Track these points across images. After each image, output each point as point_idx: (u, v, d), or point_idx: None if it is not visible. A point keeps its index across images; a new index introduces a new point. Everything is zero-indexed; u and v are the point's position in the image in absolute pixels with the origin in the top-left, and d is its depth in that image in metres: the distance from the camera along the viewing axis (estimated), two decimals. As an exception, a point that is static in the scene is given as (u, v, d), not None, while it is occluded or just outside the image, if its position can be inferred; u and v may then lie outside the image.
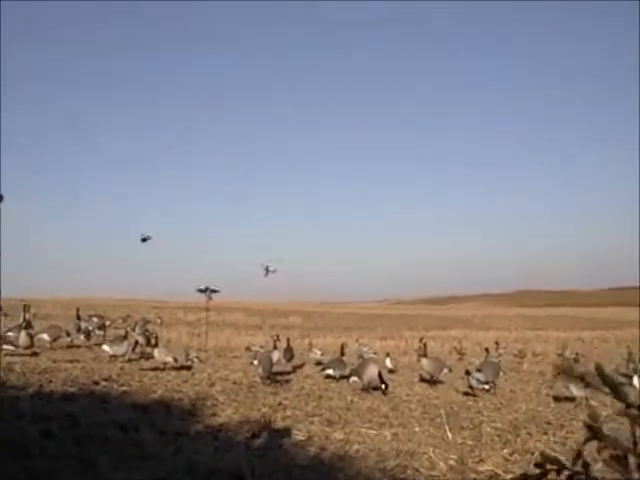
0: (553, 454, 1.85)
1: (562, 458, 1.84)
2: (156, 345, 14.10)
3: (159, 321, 34.78)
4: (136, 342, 15.61)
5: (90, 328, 19.73)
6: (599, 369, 1.74)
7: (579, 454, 1.78)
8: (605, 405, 10.23)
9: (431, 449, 6.93)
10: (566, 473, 1.76)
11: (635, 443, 1.73)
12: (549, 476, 1.82)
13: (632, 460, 1.70)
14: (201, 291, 21.48)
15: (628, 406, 1.72)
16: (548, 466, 1.81)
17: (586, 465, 1.74)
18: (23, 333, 14.86)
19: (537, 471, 1.82)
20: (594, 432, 1.78)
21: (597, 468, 1.77)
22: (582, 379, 1.77)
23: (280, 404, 9.70)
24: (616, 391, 1.73)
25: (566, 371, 1.74)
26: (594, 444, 1.78)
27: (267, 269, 22.17)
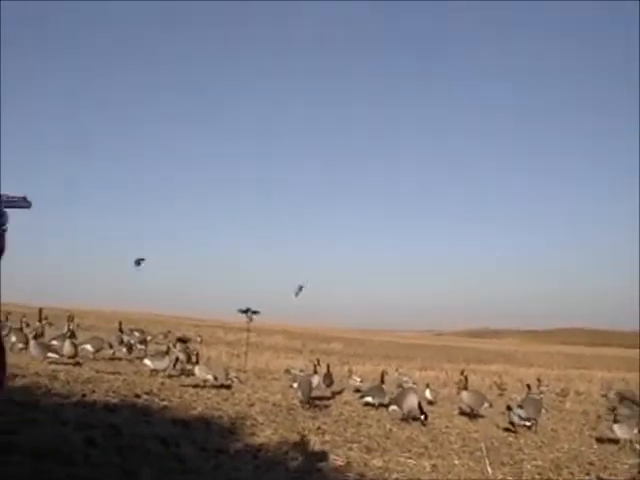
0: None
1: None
2: (197, 362, 14.18)
3: (199, 339, 34.91)
4: (177, 358, 15.71)
5: (132, 342, 19.94)
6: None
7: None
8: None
9: (471, 482, 6.87)
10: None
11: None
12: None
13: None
14: (242, 312, 21.56)
15: None
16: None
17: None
18: (67, 342, 15.09)
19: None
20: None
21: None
22: None
23: (319, 428, 9.69)
24: None
25: (628, 397, 1.72)
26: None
27: (300, 288, 22.15)
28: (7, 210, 1.80)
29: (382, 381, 14.22)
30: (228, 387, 13.72)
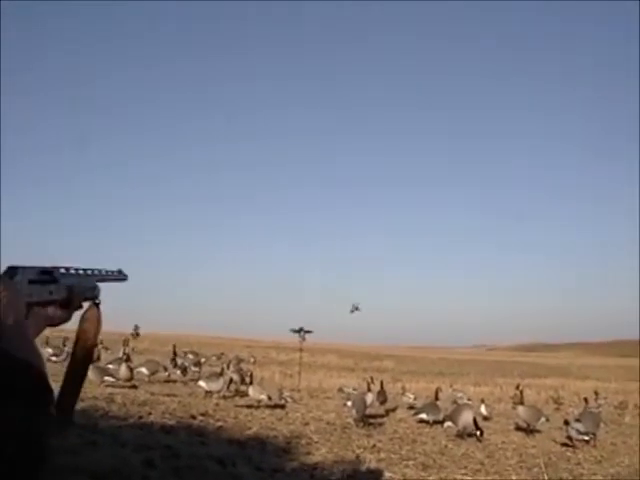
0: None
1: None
2: (251, 383, 14.29)
3: (252, 360, 35.09)
4: (231, 379, 15.83)
5: (186, 364, 20.19)
6: None
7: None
8: None
9: (529, 498, 6.80)
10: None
11: None
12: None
13: None
14: (295, 331, 21.68)
15: None
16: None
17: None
18: (124, 366, 15.35)
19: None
20: None
21: None
22: None
23: (374, 446, 9.68)
24: None
25: None
26: None
27: (355, 308, 22.20)
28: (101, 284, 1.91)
29: (436, 397, 14.17)
30: (282, 407, 13.78)
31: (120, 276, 2.00)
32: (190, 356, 24.48)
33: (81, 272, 1.65)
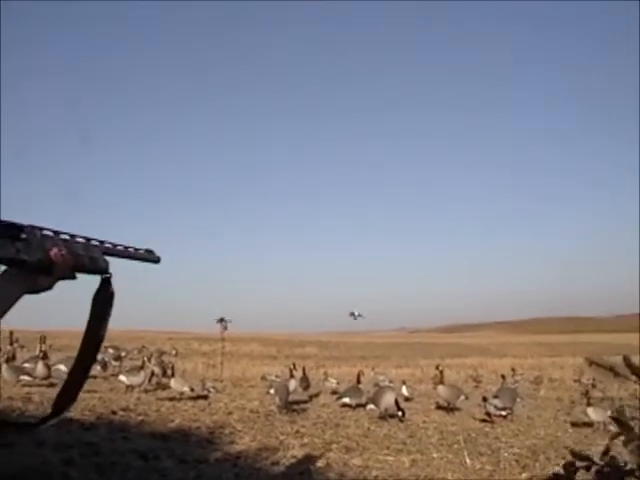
0: (583, 452, 1.92)
1: (591, 455, 1.91)
2: (173, 375, 14.15)
3: (174, 352, 34.73)
4: (152, 372, 15.65)
5: (106, 359, 19.79)
6: (627, 360, 1.82)
7: (607, 450, 1.85)
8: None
9: (450, 474, 6.95)
10: (595, 468, 1.83)
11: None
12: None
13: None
14: (217, 321, 21.57)
15: None
16: (578, 463, 1.88)
17: (613, 458, 1.81)
18: (40, 364, 14.94)
19: (569, 469, 1.89)
20: (621, 424, 1.85)
21: (623, 459, 1.84)
22: (611, 369, 1.84)
23: (297, 432, 9.72)
24: None
25: (597, 362, 1.78)
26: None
27: (355, 315, 22.39)
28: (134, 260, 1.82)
29: (358, 381, 14.29)
30: (205, 397, 13.71)
31: (149, 256, 1.87)
32: (110, 351, 24.00)
33: (80, 240, 1.56)
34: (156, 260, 1.86)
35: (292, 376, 14.56)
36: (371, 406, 11.74)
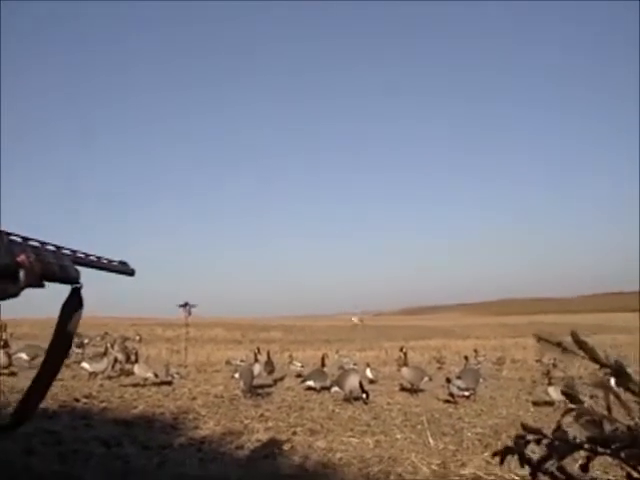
0: (534, 425, 1.94)
1: (542, 428, 1.93)
2: (136, 361, 14.08)
3: (138, 338, 34.53)
4: (115, 359, 15.55)
5: (68, 346, 19.61)
6: (574, 335, 1.84)
7: (559, 424, 1.87)
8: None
9: (413, 455, 6.99)
10: (546, 441, 1.85)
11: (609, 409, 1.83)
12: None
13: (607, 426, 1.79)
14: (181, 306, 21.45)
15: (601, 366, 1.82)
16: (529, 437, 1.89)
17: (563, 432, 1.83)
18: (1, 352, 14.77)
19: (519, 442, 1.90)
20: (571, 399, 1.88)
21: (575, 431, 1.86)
22: (559, 345, 1.86)
23: (262, 416, 9.73)
24: (591, 353, 1.83)
25: (545, 338, 1.80)
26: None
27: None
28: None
29: (323, 364, 14.35)
30: (169, 383, 13.66)
31: (123, 268, 1.82)
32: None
33: (51, 247, 1.51)
34: (130, 272, 1.83)
35: (256, 360, 14.56)
36: (335, 389, 11.79)
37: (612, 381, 1.92)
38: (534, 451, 1.91)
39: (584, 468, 1.83)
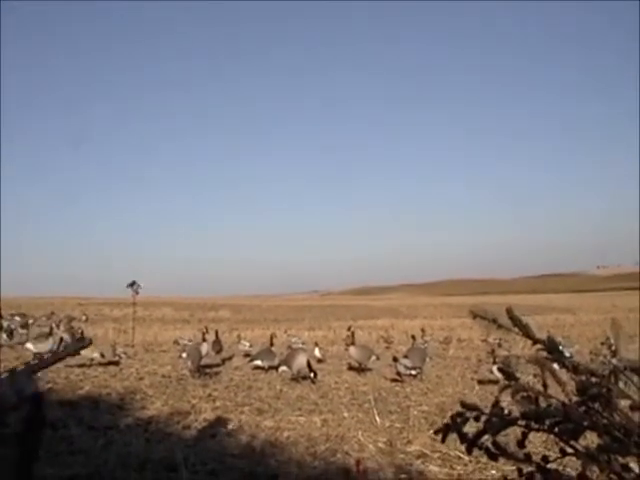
0: (472, 402, 1.97)
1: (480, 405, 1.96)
2: (82, 341, 13.91)
3: (84, 318, 34.15)
4: (61, 339, 15.32)
5: (12, 327, 19.28)
6: (509, 312, 1.87)
7: (497, 401, 1.91)
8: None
9: (360, 433, 7.07)
10: (484, 418, 1.88)
11: (545, 386, 1.87)
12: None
13: (542, 402, 1.84)
14: (128, 285, 21.22)
15: (535, 343, 1.85)
16: (468, 413, 1.93)
17: (501, 409, 1.87)
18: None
19: (458, 419, 1.93)
20: (507, 376, 1.91)
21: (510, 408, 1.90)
22: (494, 322, 1.89)
23: (210, 395, 9.73)
24: (525, 329, 1.86)
25: (480, 315, 1.83)
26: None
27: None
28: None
29: (271, 344, 14.35)
30: (116, 364, 13.55)
31: (79, 345, 1.78)
32: (17, 318, 23.35)
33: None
34: (87, 345, 1.83)
35: (204, 340, 14.49)
36: (283, 368, 11.82)
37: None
38: (478, 427, 1.94)
39: (520, 444, 1.88)
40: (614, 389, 1.76)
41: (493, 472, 5.49)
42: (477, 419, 1.92)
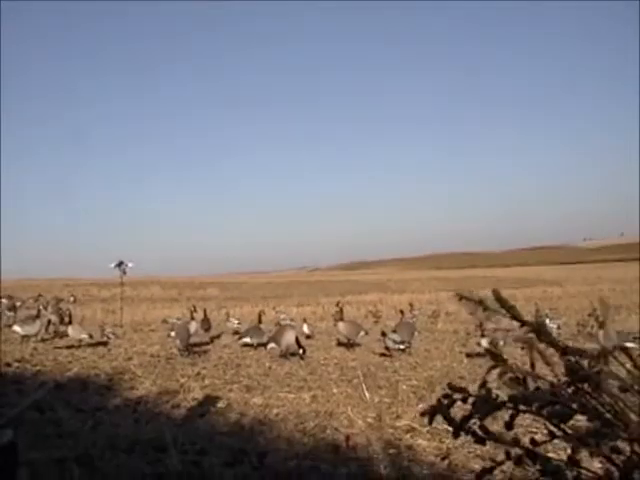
0: (459, 385, 1.95)
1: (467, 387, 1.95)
2: (70, 323, 13.86)
3: (72, 299, 34.02)
4: (49, 321, 15.29)
5: (-1, 310, 19.21)
6: (496, 293, 1.84)
7: (484, 382, 1.89)
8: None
9: (349, 409, 7.07)
10: (471, 400, 1.86)
11: (533, 366, 1.85)
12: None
13: (531, 383, 1.82)
14: (115, 266, 21.13)
15: (523, 324, 1.83)
16: (455, 395, 1.91)
17: (488, 390, 1.85)
18: None
19: (445, 401, 1.91)
20: (494, 357, 1.89)
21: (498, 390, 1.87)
22: (480, 303, 1.86)
23: (199, 374, 9.73)
24: (512, 311, 1.84)
25: (466, 297, 1.81)
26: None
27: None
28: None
29: (259, 321, 14.35)
30: (105, 344, 13.54)
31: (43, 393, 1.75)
32: (4, 300, 23.21)
33: None
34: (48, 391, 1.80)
35: (193, 318, 14.48)
36: (272, 345, 11.82)
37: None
38: (465, 410, 1.92)
39: (508, 425, 1.86)
40: (603, 370, 1.74)
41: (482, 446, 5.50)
42: (464, 401, 1.90)
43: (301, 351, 11.36)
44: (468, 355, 11.85)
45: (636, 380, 1.71)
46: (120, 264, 21.08)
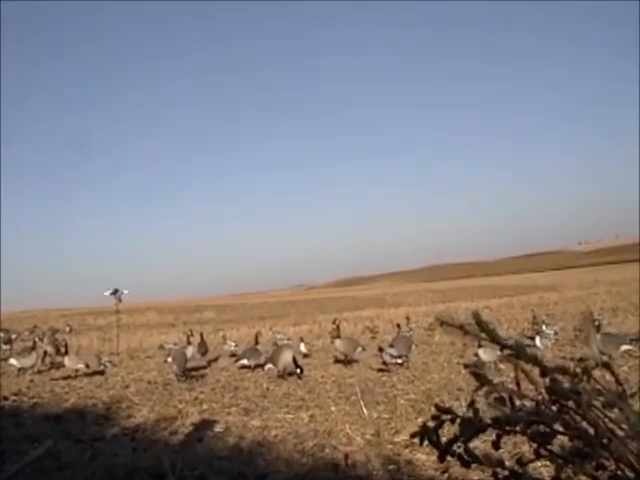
0: (446, 405, 1.97)
1: (455, 407, 1.96)
2: (66, 353, 13.83)
3: (68, 329, 33.92)
4: (45, 352, 15.25)
5: (-5, 344, 19.15)
6: (476, 316, 1.85)
7: (472, 402, 1.90)
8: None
9: (348, 426, 7.06)
10: (459, 420, 1.88)
11: (518, 385, 1.86)
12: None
13: (517, 402, 1.83)
14: (111, 293, 21.11)
15: (502, 348, 1.84)
16: (443, 416, 1.92)
17: (476, 411, 1.86)
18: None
19: (432, 424, 1.93)
20: (478, 378, 1.90)
21: (484, 410, 1.89)
22: (461, 328, 1.87)
23: (196, 399, 9.71)
24: (491, 335, 1.85)
25: (447, 322, 1.82)
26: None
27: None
28: None
29: (256, 342, 14.34)
30: (102, 373, 13.50)
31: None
32: (0, 334, 23.19)
33: None
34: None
35: (189, 342, 14.47)
36: (269, 366, 11.81)
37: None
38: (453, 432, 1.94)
39: (495, 445, 1.87)
40: (585, 388, 1.75)
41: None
42: (453, 422, 1.91)
43: (298, 370, 11.34)
44: (466, 366, 11.84)
45: (620, 396, 1.72)
46: (115, 292, 21.07)
